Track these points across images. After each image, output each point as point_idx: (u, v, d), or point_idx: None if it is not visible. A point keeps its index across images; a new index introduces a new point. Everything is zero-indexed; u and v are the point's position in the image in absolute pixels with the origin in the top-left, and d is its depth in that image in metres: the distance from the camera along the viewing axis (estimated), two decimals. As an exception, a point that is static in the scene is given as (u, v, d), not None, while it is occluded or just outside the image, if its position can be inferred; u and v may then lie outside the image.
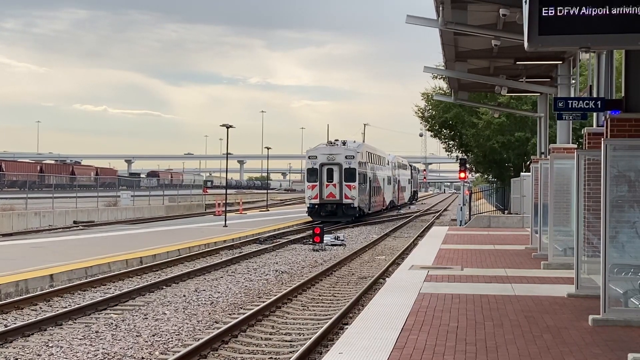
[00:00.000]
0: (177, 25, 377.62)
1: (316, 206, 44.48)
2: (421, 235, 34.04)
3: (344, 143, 47.57)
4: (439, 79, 48.59)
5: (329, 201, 44.54)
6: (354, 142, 50.27)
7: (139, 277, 20.29)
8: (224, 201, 44.31)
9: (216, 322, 14.23)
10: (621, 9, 7.91)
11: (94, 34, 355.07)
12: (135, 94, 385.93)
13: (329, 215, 44.39)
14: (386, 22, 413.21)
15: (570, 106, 14.27)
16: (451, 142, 54.42)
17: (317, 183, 44.43)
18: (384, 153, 61.79)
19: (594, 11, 7.94)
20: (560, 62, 24.97)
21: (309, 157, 45.68)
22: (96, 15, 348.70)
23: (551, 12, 7.94)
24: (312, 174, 44.85)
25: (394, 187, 64.78)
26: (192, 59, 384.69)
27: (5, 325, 13.52)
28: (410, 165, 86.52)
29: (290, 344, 12.50)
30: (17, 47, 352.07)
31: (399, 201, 69.34)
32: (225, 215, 39.87)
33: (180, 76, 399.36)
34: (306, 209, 45.73)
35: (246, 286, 18.95)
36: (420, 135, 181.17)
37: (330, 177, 44.63)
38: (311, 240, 29.75)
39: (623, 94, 12.85)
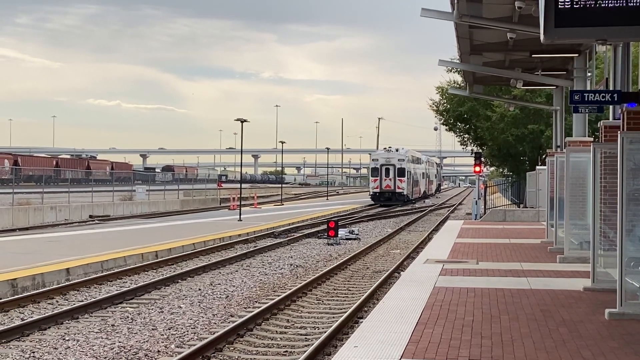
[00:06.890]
0: (188, 19, 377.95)
1: (377, 194, 62.85)
2: (436, 229, 33.98)
3: (396, 150, 65.41)
4: (454, 72, 48.44)
5: (387, 191, 62.63)
6: (402, 148, 67.15)
7: (154, 270, 20.38)
8: (239, 195, 44.41)
9: (231, 316, 14.27)
10: (638, 1, 7.84)
11: (105, 28, 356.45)
12: (148, 89, 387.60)
13: (386, 200, 61.64)
14: (397, 15, 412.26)
15: (586, 99, 14.17)
16: (466, 136, 54.31)
17: (378, 178, 62.77)
18: (420, 154, 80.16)
19: (611, 3, 7.88)
20: (576, 54, 24.79)
21: (372, 160, 64.94)
22: (107, 10, 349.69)
23: (567, 5, 7.89)
24: (375, 171, 63.38)
25: (426, 180, 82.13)
26: (204, 54, 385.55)
27: (22, 319, 13.61)
28: (436, 163, 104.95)
29: (306, 338, 12.52)
30: (30, 42, 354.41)
31: (429, 191, 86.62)
32: (240, 209, 39.93)
33: (192, 71, 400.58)
34: (370, 196, 64.39)
35: (261, 280, 18.99)
36: (435, 129, 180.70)
37: (387, 174, 62.64)
38: (326, 234, 29.74)
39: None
